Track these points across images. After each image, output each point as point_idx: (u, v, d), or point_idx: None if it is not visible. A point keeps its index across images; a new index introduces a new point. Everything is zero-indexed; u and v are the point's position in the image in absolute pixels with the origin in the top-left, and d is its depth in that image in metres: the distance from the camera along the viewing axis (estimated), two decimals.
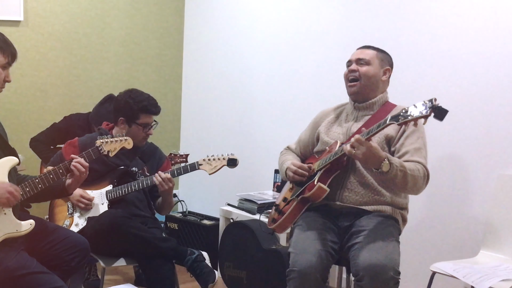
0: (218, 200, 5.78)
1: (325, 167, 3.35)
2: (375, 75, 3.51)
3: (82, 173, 3.20)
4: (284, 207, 3.58)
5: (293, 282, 3.19)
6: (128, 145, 3.58)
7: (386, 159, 3.07)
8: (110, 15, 6.07)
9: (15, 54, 3.14)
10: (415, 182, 3.21)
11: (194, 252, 3.72)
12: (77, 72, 5.89)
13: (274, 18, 5.57)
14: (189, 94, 6.65)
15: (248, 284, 4.63)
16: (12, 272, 2.83)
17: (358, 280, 3.05)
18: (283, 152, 3.90)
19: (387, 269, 3.00)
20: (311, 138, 3.75)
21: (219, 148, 4.93)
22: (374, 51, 3.55)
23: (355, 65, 3.52)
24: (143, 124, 3.98)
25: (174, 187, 3.97)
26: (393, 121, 2.93)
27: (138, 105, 3.96)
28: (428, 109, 2.81)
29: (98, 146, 3.41)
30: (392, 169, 3.08)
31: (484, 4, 4.03)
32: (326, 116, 3.72)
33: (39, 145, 5.05)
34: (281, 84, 5.52)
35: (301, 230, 3.40)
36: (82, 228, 3.79)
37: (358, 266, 3.05)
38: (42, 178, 3.08)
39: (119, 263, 3.74)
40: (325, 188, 3.30)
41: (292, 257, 3.24)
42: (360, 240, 3.19)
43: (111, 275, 5.18)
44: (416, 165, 3.24)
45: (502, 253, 3.82)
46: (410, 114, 2.87)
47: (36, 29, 5.60)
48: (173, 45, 6.59)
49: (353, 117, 3.56)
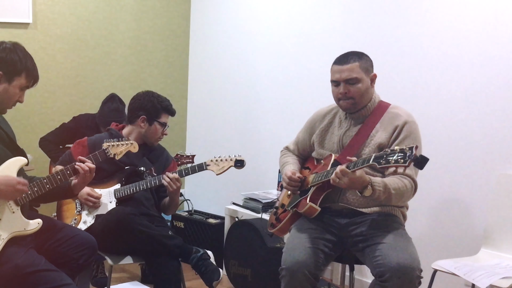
0: (224, 199, 5.78)
1: (317, 185, 3.35)
2: (366, 88, 3.38)
3: (87, 172, 3.18)
4: (281, 214, 3.60)
5: (284, 280, 3.24)
6: (134, 149, 3.58)
7: (369, 185, 3.09)
8: (117, 18, 6.07)
9: (37, 80, 3.17)
10: (399, 199, 3.26)
11: (199, 250, 3.72)
12: (85, 73, 5.90)
13: (278, 21, 5.57)
14: (195, 95, 6.65)
15: (253, 281, 4.63)
16: (21, 270, 2.83)
17: (384, 281, 3.03)
18: (282, 152, 3.90)
19: (414, 269, 3.02)
20: (308, 140, 3.73)
21: (224, 149, 4.94)
22: (356, 63, 3.34)
23: (344, 87, 3.36)
24: (162, 123, 4.06)
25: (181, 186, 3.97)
26: (375, 162, 2.90)
27: (162, 104, 4.07)
28: (408, 159, 2.75)
29: (104, 149, 3.42)
30: (374, 193, 3.11)
31: (483, 6, 4.03)
32: (321, 121, 3.66)
33: (48, 145, 5.06)
34: (285, 85, 5.52)
35: (295, 230, 3.45)
36: (90, 226, 3.79)
37: (384, 266, 3.04)
38: (50, 179, 3.08)
39: (126, 261, 3.74)
40: (316, 207, 3.32)
41: (283, 255, 3.29)
42: (381, 240, 3.18)
43: (118, 273, 5.19)
44: (403, 180, 3.23)
45: (502, 251, 3.82)
46: (392, 159, 2.81)
47: (44, 31, 5.61)
48: (179, 47, 6.59)
49: (347, 124, 3.51)
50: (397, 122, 3.34)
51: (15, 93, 3.07)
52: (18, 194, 2.92)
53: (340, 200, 3.41)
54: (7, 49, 3.04)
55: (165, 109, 4.08)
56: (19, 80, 3.05)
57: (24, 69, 3.05)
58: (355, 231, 3.33)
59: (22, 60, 3.05)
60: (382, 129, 3.36)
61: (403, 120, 3.34)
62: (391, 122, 3.36)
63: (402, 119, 3.34)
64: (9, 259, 2.84)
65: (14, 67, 3.02)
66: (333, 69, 3.43)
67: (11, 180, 2.90)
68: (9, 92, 3.04)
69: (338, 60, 3.42)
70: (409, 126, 3.31)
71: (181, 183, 3.92)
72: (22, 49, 3.11)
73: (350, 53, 3.43)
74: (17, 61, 3.03)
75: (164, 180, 3.87)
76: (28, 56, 3.11)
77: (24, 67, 3.05)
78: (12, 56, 3.02)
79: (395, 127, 3.32)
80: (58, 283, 2.87)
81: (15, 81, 3.04)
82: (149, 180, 3.91)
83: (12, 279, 2.83)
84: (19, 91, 3.07)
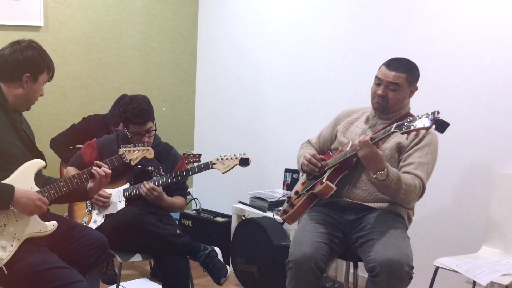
0: (231, 198, 5.78)
1: (334, 166, 3.36)
2: (403, 99, 3.44)
3: (103, 177, 3.18)
4: (295, 200, 3.59)
5: (290, 272, 3.25)
6: (150, 155, 3.58)
7: (386, 169, 3.11)
8: (126, 21, 6.09)
9: (54, 70, 3.17)
10: (407, 195, 3.25)
11: (207, 248, 3.72)
12: (95, 75, 5.91)
13: (284, 23, 5.57)
14: (203, 96, 6.66)
15: (259, 278, 4.64)
16: (34, 268, 2.84)
17: (374, 276, 3.06)
18: (303, 145, 3.91)
19: (403, 264, 3.02)
20: (330, 135, 3.76)
21: (231, 148, 4.93)
22: (404, 74, 3.38)
23: (383, 89, 3.40)
24: (132, 133, 3.95)
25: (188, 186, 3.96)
26: (397, 129, 2.95)
27: (124, 116, 3.94)
28: (431, 122, 2.82)
29: (121, 154, 3.41)
30: (387, 179, 3.12)
31: (484, 9, 4.04)
32: (348, 116, 3.71)
33: (58, 145, 5.08)
34: (291, 86, 5.53)
35: (303, 223, 3.45)
36: (100, 225, 3.80)
37: (374, 261, 3.06)
38: (67, 182, 3.08)
39: (135, 259, 3.75)
40: (332, 186, 3.32)
41: (290, 248, 3.30)
42: (374, 236, 3.20)
43: (128, 270, 5.19)
44: (415, 179, 3.25)
45: (503, 249, 3.83)
46: (413, 124, 2.88)
47: (55, 34, 5.62)
48: (187, 49, 6.60)
49: (373, 122, 3.54)
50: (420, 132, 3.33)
51: (40, 89, 3.09)
52: (37, 210, 2.90)
53: (347, 196, 3.43)
54: (27, 49, 3.03)
55: (127, 121, 3.93)
56: (43, 77, 3.07)
57: (46, 66, 3.07)
58: (358, 227, 3.35)
59: (43, 57, 3.07)
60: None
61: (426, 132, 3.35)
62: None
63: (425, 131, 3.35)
64: (23, 257, 2.85)
65: (39, 66, 3.04)
66: (381, 70, 3.45)
67: (32, 195, 2.89)
68: (35, 91, 3.07)
69: (389, 64, 3.43)
70: (430, 137, 3.36)
71: (159, 191, 3.88)
72: (38, 45, 3.11)
73: (403, 61, 3.45)
74: (40, 59, 3.05)
75: (141, 190, 3.87)
76: (44, 50, 3.12)
77: (45, 64, 3.07)
78: (35, 55, 3.03)
79: (417, 134, 3.28)
80: (70, 280, 2.87)
81: (39, 79, 3.06)
82: (156, 179, 3.92)
83: (26, 277, 2.84)
84: (42, 87, 3.10)
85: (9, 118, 2.98)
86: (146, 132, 3.95)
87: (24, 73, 2.99)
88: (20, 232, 2.89)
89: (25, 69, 3.00)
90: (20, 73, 2.99)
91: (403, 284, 3.07)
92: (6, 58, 3.02)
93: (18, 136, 3.02)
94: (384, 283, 3.03)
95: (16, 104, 3.03)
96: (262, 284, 4.63)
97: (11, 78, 3.00)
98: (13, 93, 3.01)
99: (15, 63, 3.00)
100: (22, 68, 3.00)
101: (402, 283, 3.05)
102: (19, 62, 3.00)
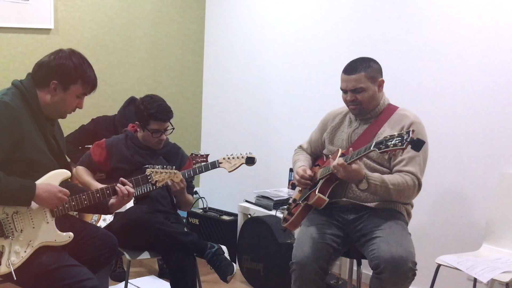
0: (237, 197, 5.79)
1: (325, 178, 3.37)
2: (373, 95, 3.40)
3: (125, 195, 3.17)
4: (293, 208, 3.61)
5: (294, 274, 3.27)
6: (176, 178, 3.57)
7: (365, 178, 3.15)
8: (135, 24, 6.10)
9: (95, 85, 3.09)
10: (400, 194, 3.26)
11: (213, 245, 3.73)
12: (104, 77, 5.91)
13: (289, 26, 5.58)
14: (209, 97, 6.66)
15: (265, 275, 4.64)
16: (46, 266, 2.85)
17: (378, 273, 3.06)
18: (296, 151, 3.92)
19: (407, 261, 3.03)
20: (319, 138, 3.76)
21: (237, 148, 4.93)
22: (362, 72, 3.35)
23: (351, 95, 3.39)
24: (152, 130, 3.95)
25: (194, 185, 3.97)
26: (375, 148, 2.94)
27: (147, 112, 3.93)
28: (405, 142, 2.81)
29: (147, 175, 3.39)
30: (370, 187, 3.16)
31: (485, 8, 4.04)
32: (332, 120, 3.70)
33: (68, 146, 5.05)
34: (295, 88, 5.53)
35: (304, 226, 3.48)
36: (109, 223, 3.81)
37: (378, 259, 3.06)
38: (89, 195, 3.06)
39: (143, 256, 3.76)
40: (324, 198, 3.31)
41: (293, 250, 3.32)
42: (377, 234, 3.20)
43: (136, 267, 5.20)
44: (405, 176, 3.25)
45: (503, 247, 3.83)
46: (390, 144, 2.87)
47: (65, 37, 5.63)
48: (194, 51, 6.60)
49: (356, 123, 3.54)
50: (404, 122, 3.36)
51: (72, 101, 3.00)
52: (59, 202, 2.88)
53: (346, 195, 3.43)
54: (62, 57, 2.96)
55: (151, 117, 3.93)
56: (75, 88, 2.98)
57: (80, 77, 2.97)
58: (359, 226, 3.35)
59: (77, 68, 2.96)
60: (389, 128, 3.37)
61: (410, 120, 3.36)
62: (399, 122, 3.38)
63: (409, 120, 3.36)
64: (35, 257, 2.86)
65: (69, 75, 2.94)
66: (342, 78, 3.45)
67: (53, 188, 2.86)
68: (65, 101, 2.97)
69: (345, 70, 3.43)
70: (415, 126, 3.29)
71: (185, 184, 3.88)
72: (79, 56, 3.02)
73: (357, 61, 3.43)
74: (72, 68, 2.94)
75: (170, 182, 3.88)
76: (85, 63, 3.03)
77: (79, 75, 2.96)
78: (67, 64, 2.94)
79: (402, 127, 3.33)
80: (80, 278, 2.87)
81: (70, 89, 2.96)
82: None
83: (37, 275, 2.85)
84: (75, 98, 3.00)
85: (39, 125, 2.93)
86: (165, 130, 3.99)
87: (52, 79, 2.93)
88: (35, 239, 2.88)
89: (54, 76, 2.93)
90: (48, 79, 2.93)
91: (407, 281, 3.06)
92: (41, 63, 2.98)
93: (47, 144, 2.98)
94: (389, 280, 3.03)
95: (46, 111, 2.97)
96: (267, 281, 4.63)
97: (41, 83, 2.94)
98: (43, 99, 2.94)
99: (47, 69, 2.95)
100: (51, 75, 2.93)
101: (406, 279, 3.05)
102: (49, 68, 2.95)
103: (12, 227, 2.83)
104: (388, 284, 3.05)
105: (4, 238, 2.82)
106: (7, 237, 2.82)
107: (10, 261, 2.81)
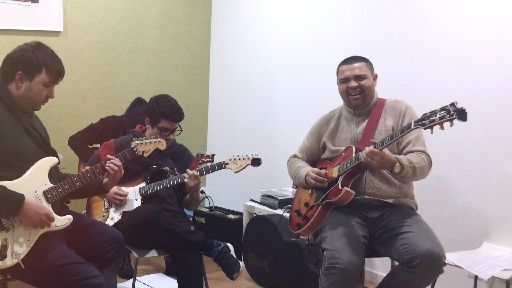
0: (242, 196, 5.79)
1: (346, 172, 3.35)
2: (372, 86, 3.54)
3: (116, 171, 3.18)
4: (308, 212, 3.56)
5: (332, 277, 3.12)
6: (162, 146, 3.53)
7: (397, 161, 3.17)
8: (142, 26, 6.10)
9: (61, 72, 3.07)
10: (422, 172, 3.32)
11: (220, 244, 3.72)
12: (112, 78, 5.92)
13: (295, 27, 5.57)
14: (215, 98, 6.66)
15: (270, 273, 4.64)
16: (52, 263, 2.84)
17: (412, 267, 3.03)
18: (291, 160, 3.90)
19: (442, 256, 3.05)
20: (316, 145, 3.76)
21: (242, 148, 4.94)
22: (363, 62, 3.55)
23: (355, 82, 3.49)
24: (161, 128, 3.95)
25: (201, 184, 3.97)
26: (419, 125, 2.95)
27: (160, 110, 3.93)
28: (453, 112, 2.80)
29: (133, 147, 3.38)
30: (403, 169, 3.19)
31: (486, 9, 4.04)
32: (327, 125, 3.72)
33: (76, 143, 5.09)
34: (299, 89, 5.52)
35: (332, 227, 3.35)
36: (117, 222, 3.81)
37: (413, 252, 3.04)
38: (80, 177, 3.07)
39: (151, 254, 3.75)
40: (351, 191, 3.31)
41: (331, 254, 3.16)
42: (406, 230, 3.20)
43: (144, 265, 5.21)
44: (420, 155, 3.32)
45: (504, 245, 3.82)
46: (435, 118, 2.87)
47: (74, 39, 5.64)
48: (200, 53, 6.61)
49: (354, 121, 3.59)
50: (399, 108, 3.50)
51: (40, 89, 2.98)
52: (40, 225, 2.87)
53: (366, 193, 3.42)
54: (24, 49, 2.98)
55: (163, 115, 3.93)
56: (40, 77, 2.96)
57: (43, 65, 2.97)
58: (382, 223, 3.35)
59: (39, 57, 2.97)
60: (387, 116, 3.49)
61: (404, 105, 3.51)
62: (394, 109, 3.51)
63: (403, 105, 3.52)
64: (41, 253, 2.85)
65: (32, 64, 2.95)
66: (342, 68, 3.58)
67: (41, 210, 2.86)
68: (32, 90, 2.97)
69: (346, 60, 3.60)
70: (410, 110, 3.50)
71: (199, 180, 3.89)
72: (43, 47, 3.03)
73: (355, 56, 3.60)
74: (34, 58, 2.95)
75: (185, 176, 3.87)
76: (48, 53, 3.03)
77: (42, 63, 2.97)
78: (29, 55, 2.96)
79: (399, 112, 3.48)
80: (86, 275, 2.87)
81: (36, 78, 2.96)
82: (172, 178, 3.91)
83: (44, 272, 2.84)
84: (43, 87, 2.99)
85: (17, 119, 2.94)
86: (173, 130, 4.00)
87: (17, 71, 2.95)
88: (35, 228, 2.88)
89: (17, 67, 2.95)
90: (13, 71, 2.95)
91: (438, 275, 3.09)
92: (6, 58, 3.01)
93: (29, 135, 2.99)
94: (422, 274, 3.03)
95: (20, 104, 2.98)
96: (272, 278, 4.63)
97: (8, 77, 2.97)
98: (14, 93, 2.96)
99: (10, 62, 2.98)
100: (15, 67, 2.95)
101: (438, 274, 3.08)
102: (12, 60, 2.98)
103: (11, 219, 2.83)
104: (421, 277, 3.06)
105: (6, 231, 2.82)
106: (8, 230, 2.82)
107: (15, 252, 2.81)
